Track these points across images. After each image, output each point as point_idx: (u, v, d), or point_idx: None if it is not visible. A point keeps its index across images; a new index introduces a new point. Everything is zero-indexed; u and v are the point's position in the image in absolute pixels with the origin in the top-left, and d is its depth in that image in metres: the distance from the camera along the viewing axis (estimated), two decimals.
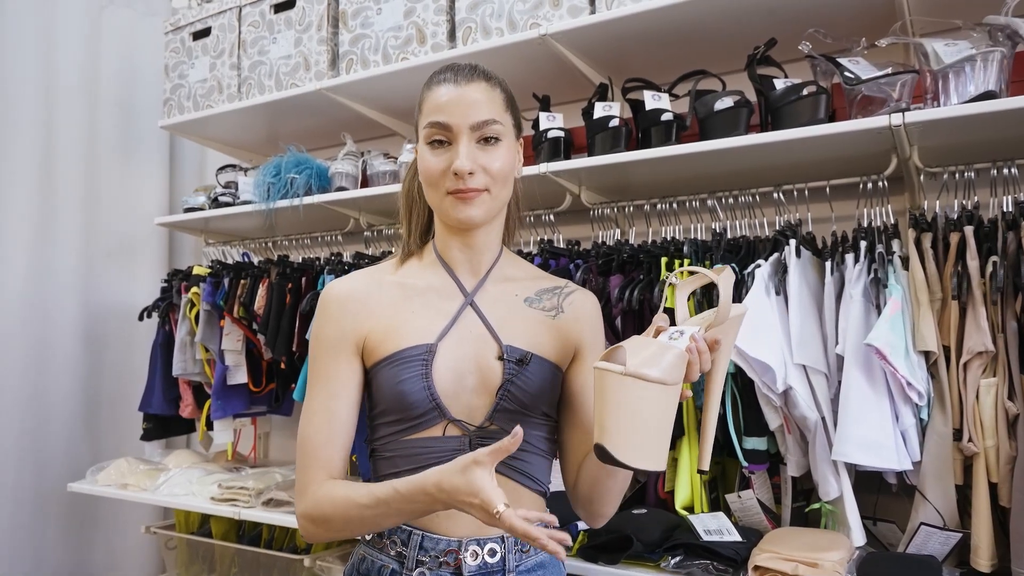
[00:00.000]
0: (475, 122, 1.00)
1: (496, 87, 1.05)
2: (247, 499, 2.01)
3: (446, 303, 1.06)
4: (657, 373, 0.82)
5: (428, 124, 1.01)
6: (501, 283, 1.10)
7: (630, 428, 0.82)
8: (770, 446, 1.46)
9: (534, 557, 1.04)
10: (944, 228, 1.41)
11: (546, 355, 1.06)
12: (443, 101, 1.01)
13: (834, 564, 1.24)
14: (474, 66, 1.05)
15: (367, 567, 1.03)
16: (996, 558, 1.27)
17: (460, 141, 1.00)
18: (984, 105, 1.27)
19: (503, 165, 1.02)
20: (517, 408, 1.02)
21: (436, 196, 1.03)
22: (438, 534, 1.00)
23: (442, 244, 1.10)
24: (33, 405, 2.49)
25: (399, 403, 1.00)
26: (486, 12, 1.80)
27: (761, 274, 1.44)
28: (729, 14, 1.58)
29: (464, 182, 0.99)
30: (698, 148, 1.52)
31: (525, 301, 1.10)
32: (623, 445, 0.82)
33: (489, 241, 1.09)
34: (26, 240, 2.50)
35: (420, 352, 1.00)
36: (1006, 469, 1.26)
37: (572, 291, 1.15)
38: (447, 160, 1.00)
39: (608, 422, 0.83)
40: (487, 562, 1.00)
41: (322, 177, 2.13)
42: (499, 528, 0.83)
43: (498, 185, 1.02)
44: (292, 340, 2.07)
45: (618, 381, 0.82)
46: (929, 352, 1.32)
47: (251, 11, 2.24)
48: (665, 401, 0.84)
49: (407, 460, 1.00)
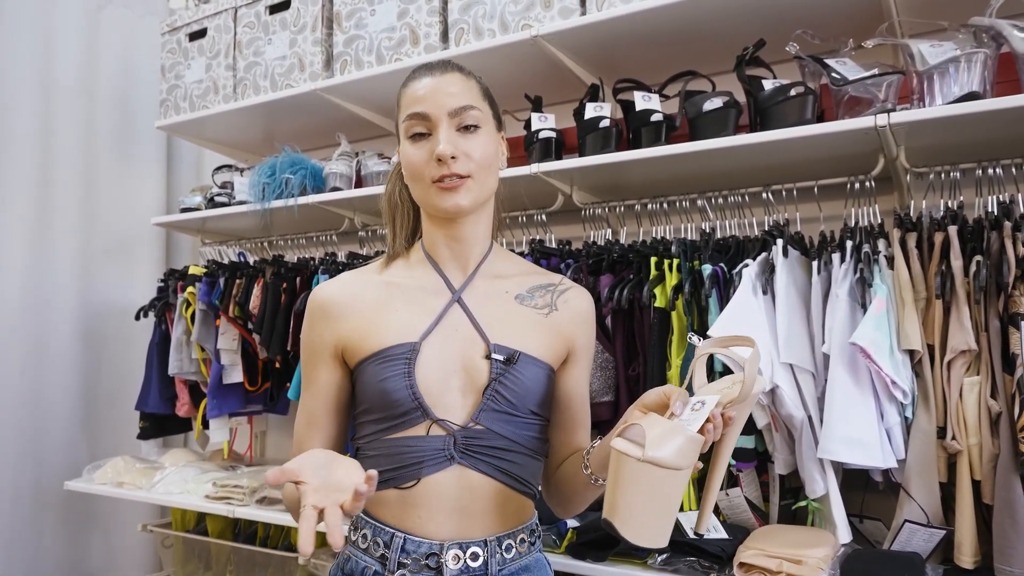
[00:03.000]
0: (453, 108, 1.00)
1: (471, 78, 1.05)
2: (241, 497, 2.02)
3: (432, 300, 1.05)
4: (674, 460, 0.82)
5: (407, 117, 1.02)
6: (491, 279, 1.09)
7: (641, 510, 0.83)
8: (758, 444, 1.48)
9: (518, 561, 1.02)
10: (929, 228, 1.42)
11: (537, 354, 1.04)
12: (420, 93, 1.01)
13: (818, 561, 1.26)
14: (448, 61, 1.06)
15: (351, 567, 1.02)
16: (979, 555, 1.28)
17: (439, 129, 1.00)
18: (967, 106, 1.28)
19: (485, 152, 1.02)
20: (505, 408, 1.00)
21: (421, 188, 1.03)
22: (419, 536, 0.98)
23: (429, 241, 1.10)
24: (30, 403, 2.50)
25: (381, 401, 1.00)
26: (478, 13, 1.81)
27: (748, 273, 1.45)
28: (718, 15, 1.59)
29: (448, 167, 0.98)
30: (687, 148, 1.53)
31: (516, 298, 1.08)
32: (633, 525, 0.83)
33: (477, 234, 1.08)
34: (24, 239, 2.51)
35: (403, 351, 1.00)
36: (989, 467, 1.27)
37: (567, 288, 1.12)
38: (428, 150, 1.00)
39: (619, 502, 0.83)
40: (469, 566, 0.98)
41: (317, 177, 2.14)
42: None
43: (483, 172, 1.02)
44: (287, 339, 2.08)
45: (635, 466, 0.82)
46: (913, 351, 1.33)
47: (246, 12, 2.25)
48: (678, 485, 0.84)
49: (390, 459, 0.99)
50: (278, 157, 2.18)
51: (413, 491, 0.98)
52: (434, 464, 0.98)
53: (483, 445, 0.99)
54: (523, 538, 1.03)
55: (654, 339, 1.55)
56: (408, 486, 0.99)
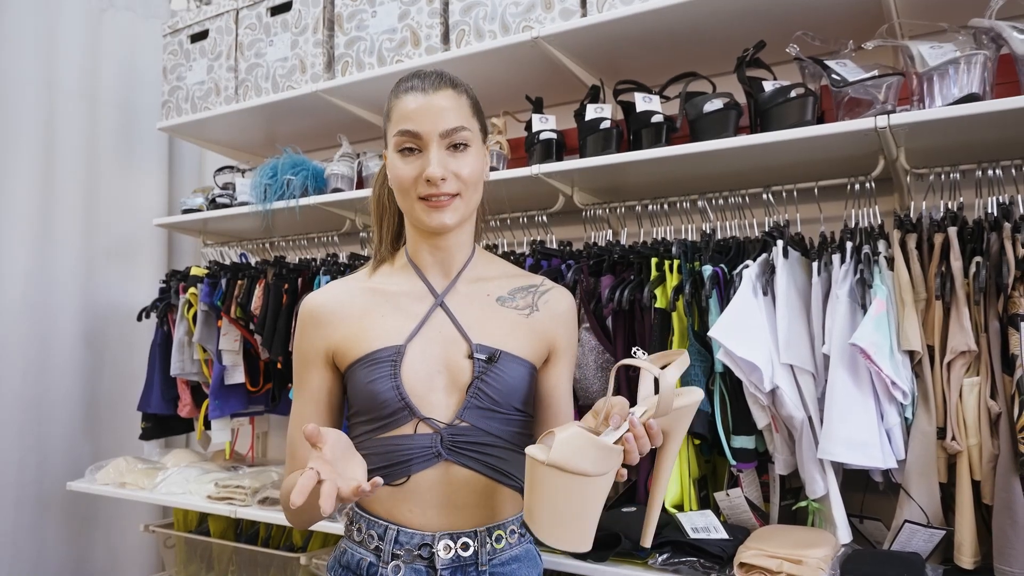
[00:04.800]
0: (444, 129, 1.02)
1: (463, 94, 1.07)
2: (243, 498, 2.03)
3: (416, 305, 1.09)
4: (577, 465, 0.85)
5: (398, 132, 1.04)
6: (473, 283, 1.13)
7: (551, 513, 0.86)
8: (758, 444, 1.48)
9: (508, 551, 1.07)
10: (929, 229, 1.42)
11: (518, 353, 1.08)
12: (411, 109, 1.03)
13: (818, 561, 1.26)
14: (440, 73, 1.07)
15: (348, 559, 1.07)
16: (979, 555, 1.28)
17: (430, 149, 1.02)
18: (967, 107, 1.28)
19: (473, 171, 1.05)
20: (488, 405, 1.04)
21: (407, 202, 1.06)
22: (412, 528, 1.03)
23: (413, 248, 1.13)
24: (33, 404, 2.51)
25: (370, 403, 1.04)
26: (479, 15, 1.82)
27: (749, 274, 1.45)
28: (719, 17, 1.60)
29: (437, 187, 1.02)
30: (688, 150, 1.54)
31: (497, 300, 1.12)
32: (546, 528, 0.86)
33: (460, 242, 1.12)
34: (26, 240, 2.52)
35: (389, 354, 1.04)
36: (988, 467, 1.27)
37: (547, 289, 1.16)
38: (418, 167, 1.03)
39: (533, 505, 0.87)
40: (460, 555, 1.03)
41: (318, 178, 2.15)
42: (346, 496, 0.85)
43: (469, 190, 1.06)
44: (288, 340, 2.08)
45: (540, 470, 0.86)
46: (913, 352, 1.34)
47: (248, 14, 2.26)
48: (589, 490, 0.86)
49: (380, 458, 1.03)
50: (279, 158, 2.19)
51: (404, 487, 1.03)
52: (422, 461, 1.03)
53: (468, 441, 1.03)
54: (513, 529, 1.08)
55: (655, 340, 1.55)
56: (399, 483, 1.03)
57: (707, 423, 1.46)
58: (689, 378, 1.48)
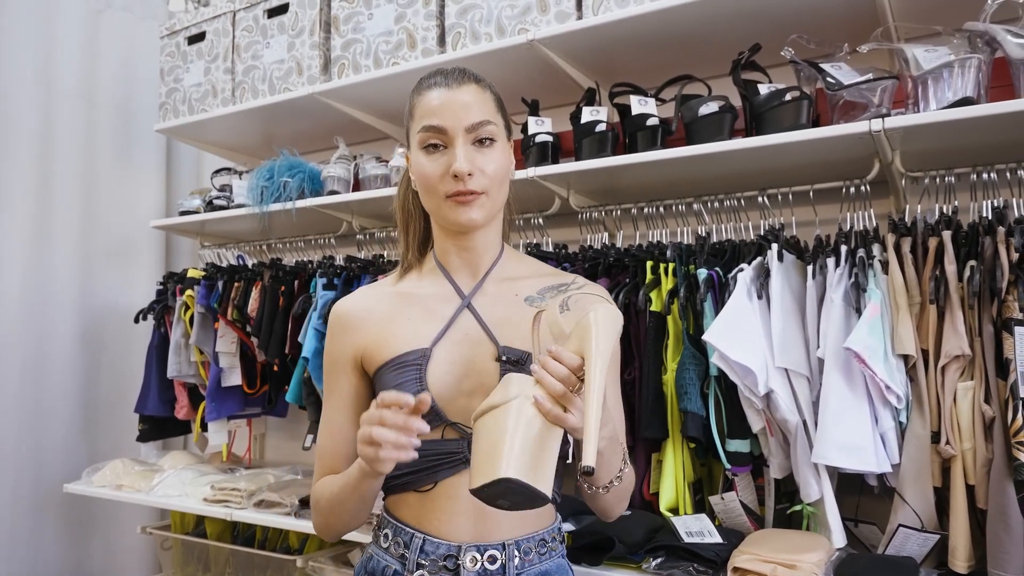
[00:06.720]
0: (470, 124, 1.00)
1: (486, 89, 1.06)
2: (239, 500, 2.03)
3: (443, 307, 1.07)
4: (489, 402, 0.87)
5: (422, 128, 1.02)
6: (501, 283, 1.10)
7: (484, 452, 0.84)
8: (753, 448, 1.48)
9: (537, 565, 1.03)
10: (923, 233, 1.42)
11: None
12: (436, 104, 1.01)
13: (812, 566, 1.26)
14: (463, 69, 1.06)
15: (373, 566, 1.05)
16: (973, 559, 1.28)
17: (456, 143, 1.00)
18: (961, 111, 1.28)
19: (499, 167, 1.03)
20: None
21: (434, 201, 1.04)
22: (438, 538, 1.00)
23: (441, 251, 1.12)
24: (30, 406, 2.51)
25: None
26: (475, 17, 1.82)
27: (744, 278, 1.45)
28: (715, 19, 1.60)
29: (464, 184, 0.99)
30: (683, 152, 1.54)
31: (526, 300, 1.08)
32: (475, 474, 0.84)
33: (488, 242, 1.10)
34: (24, 242, 2.52)
35: (415, 357, 1.02)
36: (983, 472, 1.27)
37: (579, 287, 1.11)
38: (444, 164, 1.00)
39: (472, 464, 0.87)
40: (487, 568, 0.99)
41: (315, 180, 2.15)
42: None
43: (495, 187, 1.03)
44: (285, 342, 2.08)
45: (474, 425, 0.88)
46: (907, 356, 1.33)
47: (245, 16, 2.26)
48: (500, 417, 0.85)
49: (406, 464, 0.98)
50: (276, 160, 2.18)
51: (431, 494, 1.01)
52: (449, 467, 1.00)
53: None
54: (543, 540, 1.04)
55: (650, 343, 1.55)
56: (426, 489, 1.01)
57: (702, 427, 1.46)
58: (684, 381, 1.47)
